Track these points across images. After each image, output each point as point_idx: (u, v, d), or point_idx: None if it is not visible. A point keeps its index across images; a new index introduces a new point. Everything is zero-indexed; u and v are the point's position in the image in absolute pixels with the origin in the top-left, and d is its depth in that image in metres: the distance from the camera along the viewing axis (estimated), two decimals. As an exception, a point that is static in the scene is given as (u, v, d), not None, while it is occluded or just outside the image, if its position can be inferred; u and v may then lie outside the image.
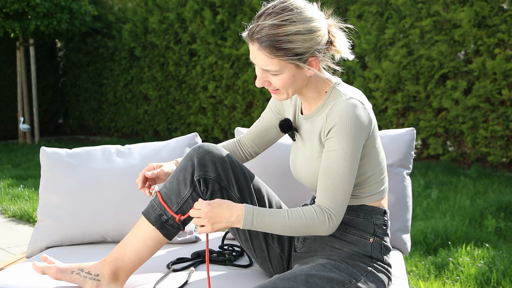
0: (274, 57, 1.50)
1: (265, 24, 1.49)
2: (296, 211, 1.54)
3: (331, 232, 1.54)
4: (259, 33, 1.50)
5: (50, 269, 1.67)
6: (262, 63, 1.52)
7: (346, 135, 1.50)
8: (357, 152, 1.52)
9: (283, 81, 1.54)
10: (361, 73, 6.51)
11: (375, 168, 1.62)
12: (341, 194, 1.52)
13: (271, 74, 1.54)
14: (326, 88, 1.62)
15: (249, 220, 1.52)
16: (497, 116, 5.46)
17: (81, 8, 9.15)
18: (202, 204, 1.53)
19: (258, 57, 1.52)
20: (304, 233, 1.55)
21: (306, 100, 1.65)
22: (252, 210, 1.53)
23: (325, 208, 1.52)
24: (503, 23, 5.34)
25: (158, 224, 1.65)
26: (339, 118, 1.50)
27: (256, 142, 1.87)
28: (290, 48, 1.49)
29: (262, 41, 1.49)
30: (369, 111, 1.56)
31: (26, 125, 9.29)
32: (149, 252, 1.68)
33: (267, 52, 1.49)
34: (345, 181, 1.51)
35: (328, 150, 1.53)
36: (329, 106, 1.57)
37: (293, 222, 1.52)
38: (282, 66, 1.51)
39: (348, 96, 1.55)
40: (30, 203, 4.70)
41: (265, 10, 1.52)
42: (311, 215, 1.52)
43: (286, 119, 1.72)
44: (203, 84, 8.44)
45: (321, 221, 1.52)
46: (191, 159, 1.66)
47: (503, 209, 3.92)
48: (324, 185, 1.53)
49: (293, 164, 1.74)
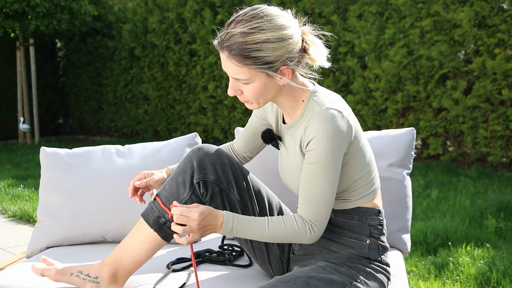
0: (243, 66, 1.48)
1: (234, 32, 1.47)
2: (277, 220, 1.54)
3: (314, 241, 1.55)
4: (228, 41, 1.47)
5: (49, 271, 1.67)
6: (232, 71, 1.50)
7: (324, 147, 1.49)
8: (338, 163, 1.51)
9: (253, 91, 1.52)
10: (361, 73, 6.51)
11: (362, 170, 1.61)
12: (322, 205, 1.51)
13: (242, 83, 1.52)
14: (303, 96, 1.59)
15: (229, 227, 1.52)
16: (497, 116, 5.46)
17: (81, 8, 9.15)
18: (195, 214, 1.49)
19: (227, 65, 1.50)
20: (285, 241, 1.55)
21: (284, 109, 1.63)
22: (232, 218, 1.53)
23: (307, 220, 1.53)
24: (503, 23, 5.34)
25: (156, 226, 1.64)
26: (317, 131, 1.49)
27: (247, 147, 1.87)
28: (259, 56, 1.46)
29: (231, 49, 1.47)
30: (348, 117, 1.53)
31: (26, 125, 9.29)
32: (148, 255, 1.68)
33: (236, 60, 1.47)
34: (326, 193, 1.51)
35: (308, 162, 1.52)
36: (306, 118, 1.55)
37: (273, 230, 1.53)
38: (252, 75, 1.49)
39: (325, 106, 1.52)
40: (30, 203, 4.70)
41: (235, 18, 1.50)
42: (292, 225, 1.53)
43: (268, 130, 1.71)
44: (203, 84, 8.44)
45: (302, 231, 1.52)
46: (190, 161, 1.65)
47: (503, 209, 3.92)
48: (305, 197, 1.53)
49: (281, 172, 1.74)
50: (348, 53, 6.62)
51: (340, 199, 1.63)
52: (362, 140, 1.61)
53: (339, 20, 6.59)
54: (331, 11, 6.68)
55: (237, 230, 1.53)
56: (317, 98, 1.56)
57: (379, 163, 2.03)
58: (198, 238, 1.54)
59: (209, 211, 1.52)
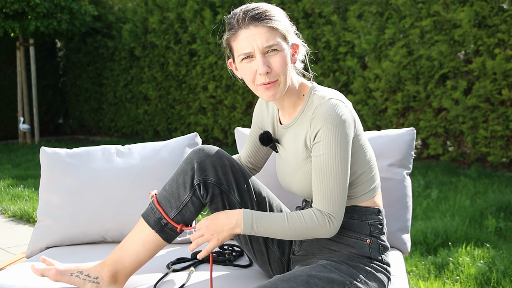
0: (273, 30, 1.53)
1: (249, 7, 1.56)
2: (296, 214, 1.54)
3: (333, 234, 1.55)
4: (249, 13, 1.54)
5: (49, 271, 1.67)
6: (265, 38, 1.53)
7: (333, 136, 1.50)
8: (347, 151, 1.52)
9: (282, 59, 1.55)
10: (361, 73, 6.51)
11: (364, 166, 1.62)
12: (337, 196, 1.52)
13: (271, 53, 1.54)
14: (304, 91, 1.63)
15: (249, 224, 1.53)
16: (497, 116, 5.46)
17: (81, 8, 9.15)
18: (201, 223, 1.57)
19: (258, 35, 1.53)
20: (305, 236, 1.55)
21: (287, 106, 1.64)
22: (251, 214, 1.54)
23: (325, 212, 1.53)
24: (503, 23, 5.34)
25: (158, 228, 1.64)
26: (323, 121, 1.51)
27: (252, 160, 1.88)
28: (281, 21, 1.56)
29: (260, 17, 1.53)
30: (351, 108, 1.58)
31: (26, 125, 9.29)
32: (149, 255, 1.68)
33: (266, 24, 1.53)
34: (340, 182, 1.52)
35: (317, 154, 1.53)
36: (309, 111, 1.58)
37: (293, 225, 1.53)
38: (281, 39, 1.55)
39: (327, 97, 1.55)
40: (30, 203, 4.70)
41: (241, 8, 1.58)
42: (311, 218, 1.53)
43: (265, 132, 1.72)
44: (203, 84, 8.44)
45: (321, 224, 1.53)
46: (191, 163, 1.65)
47: (503, 209, 3.92)
48: (319, 190, 1.53)
49: (281, 175, 1.74)
50: (348, 53, 6.62)
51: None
52: (363, 137, 1.63)
53: (339, 20, 6.59)
54: (331, 11, 6.68)
55: (257, 226, 1.54)
56: (318, 92, 1.59)
57: (379, 163, 2.04)
58: (216, 243, 1.55)
59: (215, 214, 1.56)
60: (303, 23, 6.94)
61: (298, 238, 1.55)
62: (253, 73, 1.56)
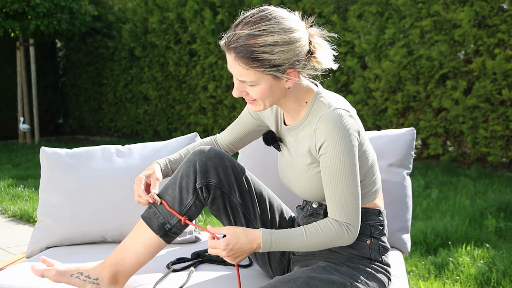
0: (250, 68, 1.46)
1: (241, 33, 1.45)
2: (313, 227, 1.53)
3: (352, 242, 1.54)
4: (235, 42, 1.45)
5: (49, 272, 1.66)
6: (238, 73, 1.49)
7: (339, 147, 1.48)
8: (354, 159, 1.50)
9: (260, 93, 1.50)
10: (361, 73, 6.51)
11: (366, 171, 1.61)
12: (351, 204, 1.51)
13: (248, 84, 1.50)
14: (307, 98, 1.59)
15: (268, 246, 1.51)
16: (497, 116, 5.46)
17: (81, 8, 9.15)
18: (221, 244, 1.49)
19: (234, 67, 1.49)
20: (325, 247, 1.54)
21: (287, 111, 1.62)
22: (270, 236, 1.51)
23: (342, 222, 1.52)
24: (503, 23, 5.34)
25: (162, 233, 1.64)
26: (328, 133, 1.49)
27: (233, 144, 1.86)
28: (266, 59, 1.44)
29: (238, 51, 1.45)
30: (355, 117, 1.55)
31: (26, 125, 9.29)
32: (149, 257, 1.67)
33: (242, 62, 1.46)
34: (352, 190, 1.51)
35: (325, 166, 1.52)
36: (314, 119, 1.55)
37: (312, 240, 1.52)
38: (258, 77, 1.48)
39: (332, 107, 1.52)
40: (30, 203, 4.70)
41: (243, 19, 1.48)
42: (329, 229, 1.52)
43: (270, 132, 1.70)
44: (203, 84, 8.44)
45: (340, 234, 1.52)
46: (193, 165, 1.64)
47: (503, 209, 3.92)
48: (333, 200, 1.52)
49: (282, 174, 1.73)
50: (348, 53, 6.62)
51: None
52: (366, 143, 1.61)
53: (339, 20, 6.59)
54: (331, 11, 6.68)
55: (276, 246, 1.52)
56: (323, 99, 1.56)
57: (379, 163, 2.03)
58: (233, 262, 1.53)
59: (236, 238, 1.49)
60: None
61: (318, 249, 1.55)
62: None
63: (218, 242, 1.50)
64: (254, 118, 1.80)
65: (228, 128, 1.88)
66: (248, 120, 1.81)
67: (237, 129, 1.84)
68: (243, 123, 1.83)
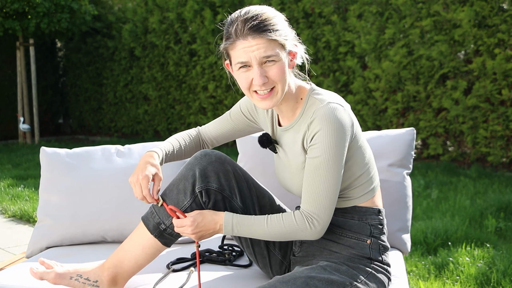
0: (271, 41, 1.51)
1: (250, 16, 1.53)
2: (276, 217, 1.56)
3: (318, 237, 1.55)
4: (250, 22, 1.51)
5: (48, 274, 1.66)
6: (262, 49, 1.51)
7: (328, 140, 1.50)
8: (341, 157, 1.52)
9: (280, 68, 1.53)
10: (361, 73, 6.51)
11: (363, 167, 1.62)
12: (325, 199, 1.52)
13: (269, 64, 1.53)
14: (302, 95, 1.62)
15: (229, 228, 1.57)
16: (497, 116, 5.46)
17: (81, 8, 9.15)
18: (187, 221, 1.57)
19: (256, 46, 1.51)
20: (286, 238, 1.56)
21: (283, 110, 1.64)
22: (231, 219, 1.57)
23: (307, 214, 1.53)
24: (503, 23, 5.34)
25: (156, 232, 1.64)
26: (321, 124, 1.51)
27: (217, 139, 1.87)
28: (279, 29, 1.53)
29: (258, 27, 1.50)
30: (349, 112, 1.56)
31: (26, 125, 9.29)
32: (148, 259, 1.68)
33: (264, 35, 1.50)
34: (330, 186, 1.51)
35: (311, 156, 1.53)
36: (308, 114, 1.57)
37: (272, 229, 1.55)
38: (279, 50, 1.53)
39: (326, 101, 1.55)
40: (30, 203, 4.70)
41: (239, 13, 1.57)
42: (290, 221, 1.54)
43: (265, 134, 1.71)
44: (203, 84, 8.44)
45: (301, 227, 1.53)
46: (192, 169, 1.64)
47: (503, 209, 3.92)
48: (308, 191, 1.53)
49: (280, 176, 1.74)
50: (348, 53, 6.61)
51: (342, 198, 1.63)
52: (361, 138, 1.62)
53: (339, 20, 6.59)
54: (331, 11, 6.68)
55: (237, 230, 1.57)
56: (317, 95, 1.59)
57: (379, 163, 2.03)
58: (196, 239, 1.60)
59: (203, 216, 1.57)
60: (303, 23, 6.94)
61: (279, 239, 1.58)
62: (249, 82, 1.56)
63: (184, 219, 1.58)
64: (247, 118, 1.81)
65: (214, 122, 1.88)
66: (240, 118, 1.82)
67: (225, 125, 1.85)
68: (234, 120, 1.84)
